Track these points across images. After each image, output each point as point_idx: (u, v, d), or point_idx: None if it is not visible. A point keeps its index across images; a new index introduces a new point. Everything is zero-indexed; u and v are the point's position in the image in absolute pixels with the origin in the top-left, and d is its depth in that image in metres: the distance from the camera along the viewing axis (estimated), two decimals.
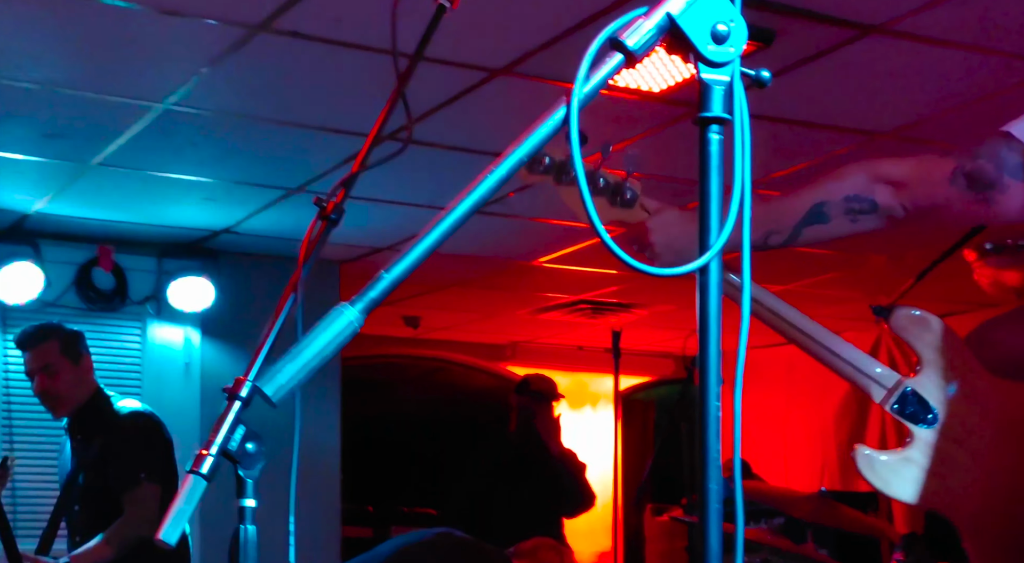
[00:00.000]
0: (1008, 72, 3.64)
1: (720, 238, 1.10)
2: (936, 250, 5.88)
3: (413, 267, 1.15)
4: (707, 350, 1.11)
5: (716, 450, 1.09)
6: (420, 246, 1.15)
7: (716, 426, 1.09)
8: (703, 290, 1.10)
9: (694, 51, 1.09)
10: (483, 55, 3.59)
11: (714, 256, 1.10)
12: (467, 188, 1.11)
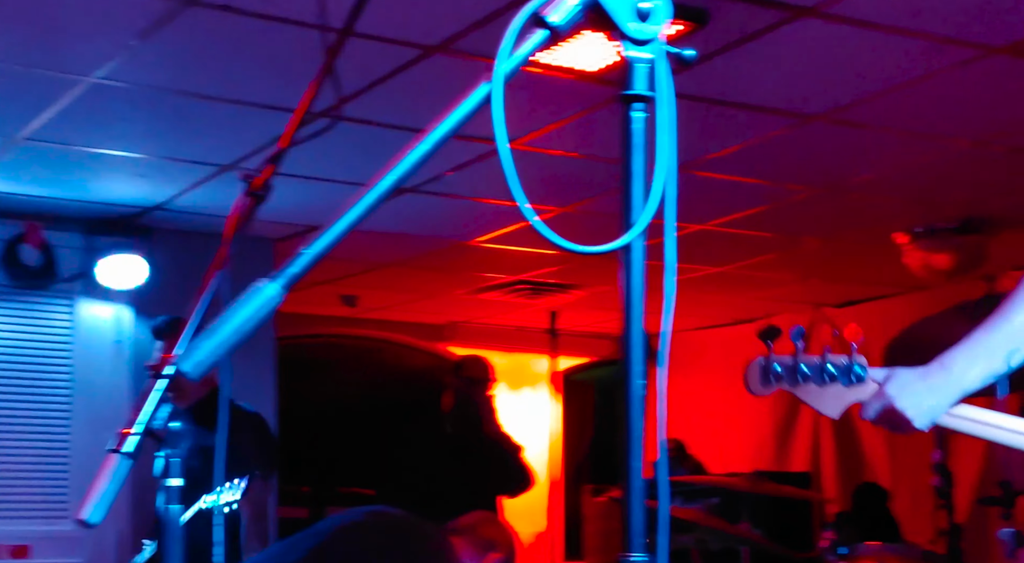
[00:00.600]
0: (938, 55, 3.69)
1: (643, 217, 1.09)
2: (868, 232, 5.97)
3: (333, 243, 1.14)
4: (630, 330, 1.10)
5: (639, 430, 1.09)
6: (341, 223, 1.13)
7: (639, 406, 1.09)
8: (626, 270, 1.10)
9: (616, 29, 1.08)
10: (418, 32, 3.56)
11: (637, 235, 1.10)
12: (389, 165, 1.10)
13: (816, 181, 5.17)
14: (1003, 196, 5.33)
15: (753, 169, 4.97)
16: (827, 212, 5.63)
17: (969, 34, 3.57)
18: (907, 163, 4.86)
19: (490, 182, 4.97)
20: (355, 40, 3.43)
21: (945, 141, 4.59)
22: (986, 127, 4.44)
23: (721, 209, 5.56)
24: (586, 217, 5.53)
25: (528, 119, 4.30)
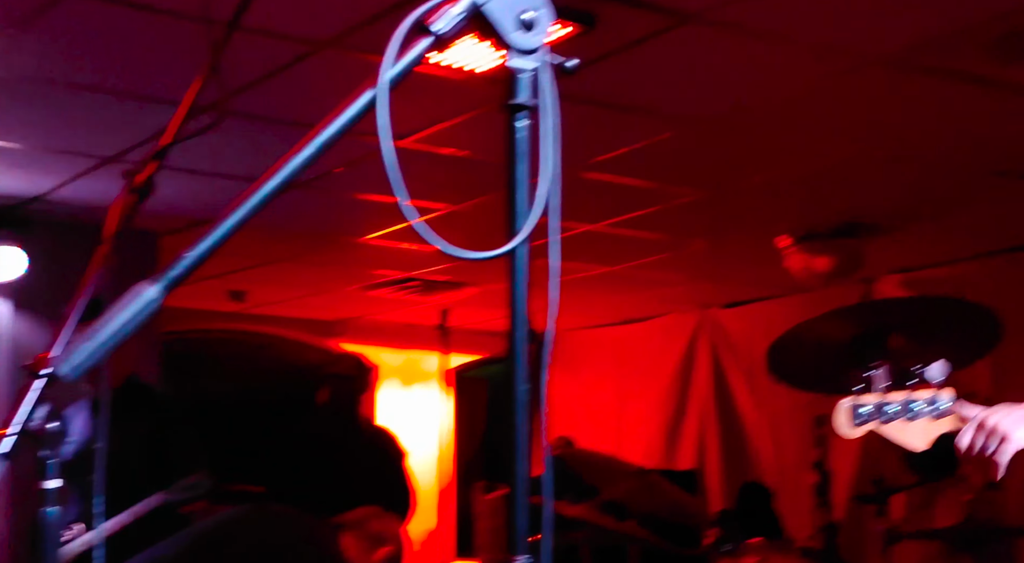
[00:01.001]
0: (818, 64, 3.79)
1: (528, 223, 1.11)
2: (752, 235, 6.11)
3: (216, 246, 1.13)
4: (516, 333, 1.12)
5: (523, 431, 1.11)
6: (224, 226, 1.12)
7: (524, 412, 1.11)
8: (512, 275, 1.11)
9: (500, 38, 1.10)
10: (308, 28, 3.53)
11: (522, 241, 1.11)
12: (275, 166, 1.09)
13: (702, 184, 5.27)
14: (879, 202, 5.50)
15: (640, 171, 5.05)
16: (713, 215, 5.74)
17: (848, 44, 3.68)
18: (788, 169, 4.99)
19: (380, 179, 4.92)
20: (242, 34, 3.39)
21: (824, 148, 4.73)
22: (863, 135, 4.58)
23: (609, 210, 5.63)
24: (477, 215, 5.55)
25: (418, 117, 4.30)
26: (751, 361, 7.51)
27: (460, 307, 7.98)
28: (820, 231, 5.86)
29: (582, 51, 3.67)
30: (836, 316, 3.84)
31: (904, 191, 5.32)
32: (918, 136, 4.55)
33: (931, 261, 6.56)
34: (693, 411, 8.03)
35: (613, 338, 8.61)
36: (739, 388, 7.76)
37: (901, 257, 6.50)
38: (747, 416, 7.71)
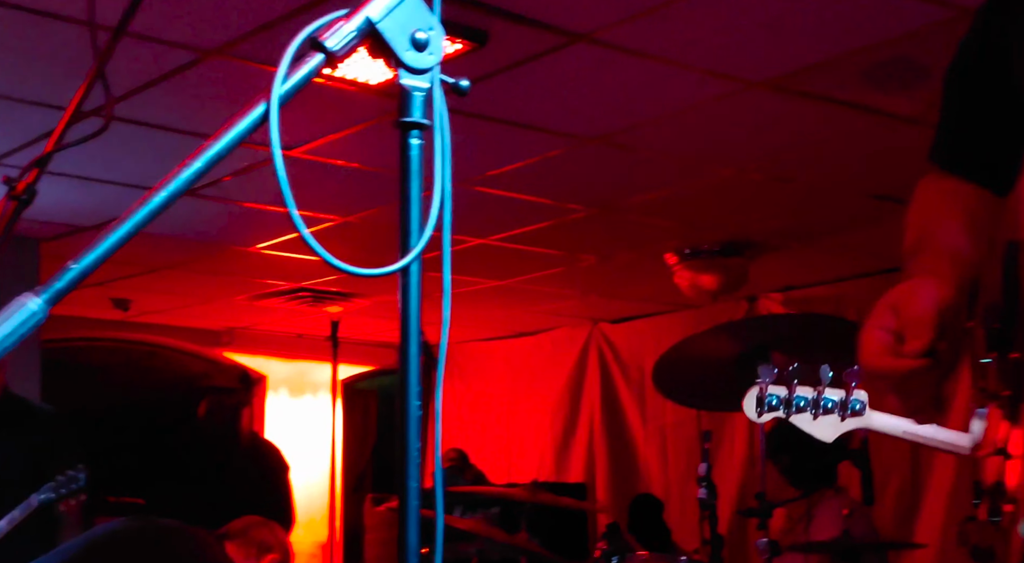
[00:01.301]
0: (701, 87, 3.89)
1: (421, 241, 1.12)
2: (641, 252, 6.21)
3: (103, 258, 1.10)
4: (408, 350, 1.12)
5: (416, 449, 1.11)
6: (112, 237, 1.09)
7: (416, 425, 1.11)
8: (405, 292, 1.12)
9: (394, 57, 1.11)
10: (195, 35, 3.50)
11: (415, 258, 1.12)
12: (162, 182, 1.07)
13: (593, 201, 5.34)
14: (762, 222, 5.64)
15: (533, 187, 5.10)
16: (604, 231, 5.82)
17: (732, 68, 3.78)
18: (676, 187, 5.09)
19: (270, 188, 4.91)
20: (129, 40, 3.34)
21: (710, 168, 4.84)
22: (747, 156, 4.69)
23: (502, 224, 5.67)
24: (368, 227, 5.54)
25: (310, 128, 4.28)
26: (639, 375, 7.62)
27: (350, 318, 7.94)
28: (707, 249, 5.98)
29: (474, 67, 3.71)
30: (720, 332, 3.92)
31: (786, 212, 5.47)
32: (799, 159, 4.69)
33: (812, 280, 6.75)
34: (583, 424, 8.10)
35: (505, 351, 8.65)
36: (628, 402, 7.86)
37: (783, 276, 6.67)
38: (635, 430, 7.81)
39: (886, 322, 1.18)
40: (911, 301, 1.17)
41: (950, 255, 1.26)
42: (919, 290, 1.18)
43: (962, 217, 1.34)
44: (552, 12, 3.38)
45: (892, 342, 1.16)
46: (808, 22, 3.43)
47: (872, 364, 1.17)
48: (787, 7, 3.34)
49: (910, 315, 1.16)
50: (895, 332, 1.16)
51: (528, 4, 3.34)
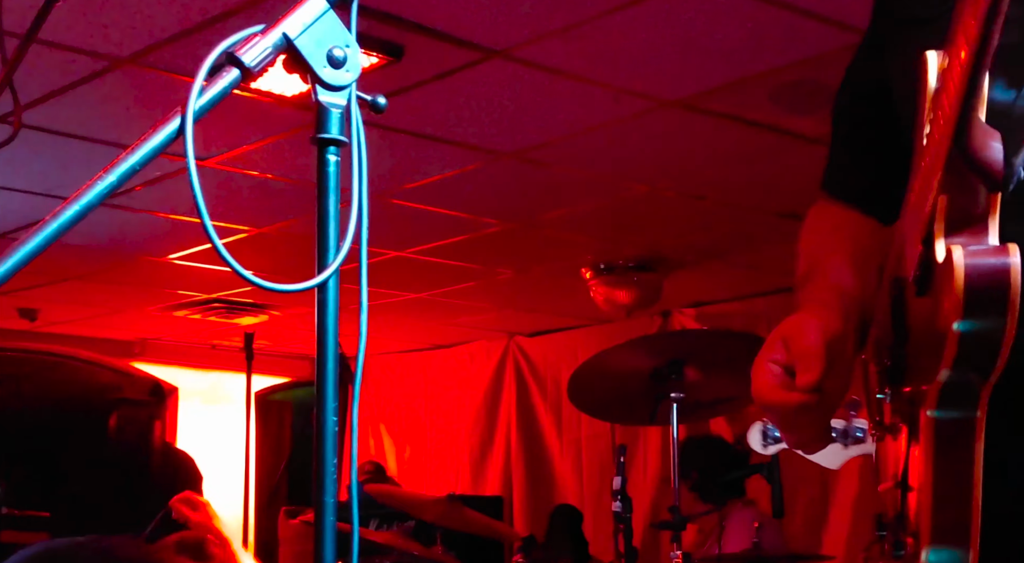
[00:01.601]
0: (616, 105, 3.94)
1: (338, 257, 1.12)
2: (557, 266, 6.25)
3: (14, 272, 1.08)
4: (325, 366, 1.12)
5: (332, 463, 1.11)
6: (23, 251, 1.06)
7: (333, 440, 1.11)
8: (321, 307, 1.12)
9: (310, 73, 1.11)
10: (107, 43, 3.45)
11: (332, 274, 1.12)
12: (76, 195, 1.05)
13: (509, 215, 5.37)
14: (675, 238, 5.72)
15: (449, 201, 5.11)
16: (520, 245, 5.85)
17: (645, 87, 3.83)
18: (591, 203, 5.13)
19: (183, 199, 4.85)
20: (39, 47, 3.29)
21: (624, 184, 4.89)
22: (659, 173, 4.76)
23: (419, 237, 5.67)
24: (282, 238, 5.50)
25: (224, 139, 4.24)
26: (555, 389, 7.66)
27: (264, 329, 7.86)
28: (622, 264, 6.04)
29: (390, 81, 3.71)
30: (635, 346, 3.97)
31: (699, 229, 5.55)
32: (711, 177, 4.77)
33: (724, 296, 6.85)
34: (500, 437, 8.11)
35: (422, 363, 8.63)
36: (544, 415, 7.90)
37: (696, 292, 6.76)
38: (551, 443, 7.85)
39: (777, 355, 1.18)
40: (800, 334, 1.17)
41: (837, 287, 1.27)
42: (808, 323, 1.18)
43: (849, 248, 1.34)
44: (468, 28, 3.40)
45: (783, 375, 1.16)
46: (719, 44, 3.50)
47: (764, 398, 1.17)
48: (699, 29, 3.40)
49: (800, 348, 1.16)
50: (786, 365, 1.17)
51: (444, 20, 3.36)
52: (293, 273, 5.96)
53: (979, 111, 0.98)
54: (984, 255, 0.95)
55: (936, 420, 0.98)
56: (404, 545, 5.10)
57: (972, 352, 0.95)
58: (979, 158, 0.98)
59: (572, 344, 7.47)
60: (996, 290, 0.93)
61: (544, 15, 3.32)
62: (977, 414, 0.98)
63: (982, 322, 0.94)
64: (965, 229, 0.99)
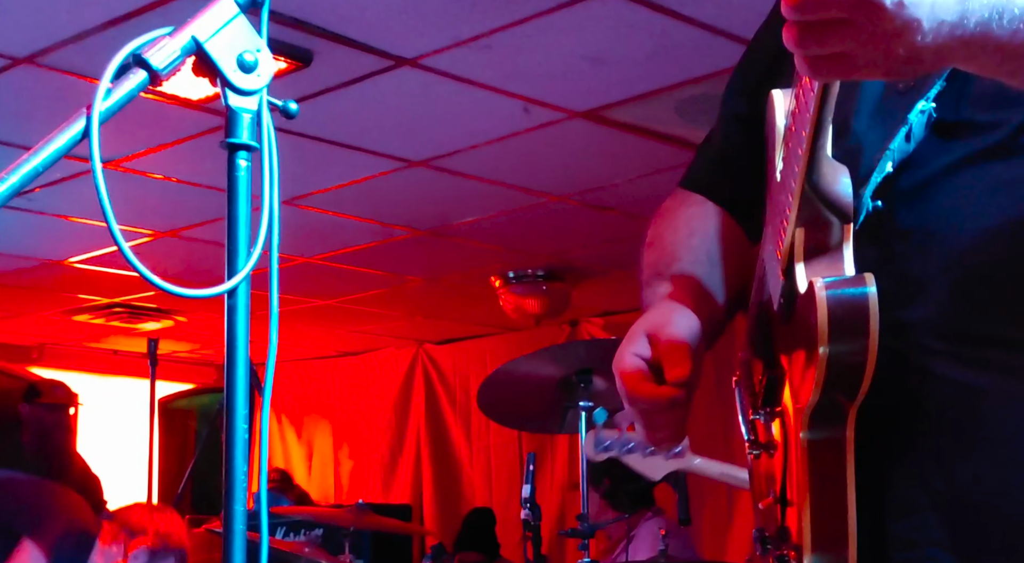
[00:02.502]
0: (525, 117, 3.96)
1: (249, 263, 1.11)
2: (466, 274, 6.26)
3: None
4: (234, 373, 1.11)
5: (243, 471, 1.10)
6: None
7: (243, 448, 1.10)
8: (231, 314, 1.10)
9: (220, 77, 1.09)
10: (5, 43, 3.37)
11: (242, 280, 1.11)
12: None
13: (419, 223, 5.36)
14: (583, 249, 5.77)
15: (359, 207, 5.08)
16: (430, 253, 5.84)
17: (554, 98, 3.87)
18: (500, 212, 5.15)
19: (83, 201, 4.75)
20: None
21: (532, 194, 4.92)
22: (566, 183, 4.80)
23: (327, 244, 5.63)
24: (185, 243, 5.41)
25: (129, 141, 4.17)
26: (464, 397, 7.66)
27: (169, 335, 7.73)
28: (530, 273, 6.07)
29: (299, 86, 3.68)
30: (545, 355, 3.98)
31: (605, 239, 5.61)
32: (617, 188, 4.82)
33: (631, 306, 6.90)
34: (409, 445, 8.08)
35: (330, 371, 8.57)
36: (453, 423, 7.89)
37: (604, 301, 6.82)
38: (460, 450, 7.84)
39: (642, 350, 1.18)
40: (666, 329, 1.17)
41: (695, 289, 1.27)
42: (672, 319, 1.19)
43: (709, 248, 1.33)
44: (378, 36, 3.40)
45: (649, 371, 1.16)
46: (627, 57, 3.54)
47: (633, 393, 1.16)
48: (607, 42, 3.44)
49: (668, 344, 1.16)
50: (651, 361, 1.17)
51: (354, 27, 3.35)
52: (197, 277, 5.87)
53: (826, 149, 1.02)
54: (843, 285, 1.00)
55: (809, 440, 1.02)
56: (312, 553, 5.05)
57: (838, 376, 0.99)
58: (830, 193, 1.03)
59: (481, 352, 7.48)
60: (856, 318, 0.98)
61: (454, 24, 3.33)
62: (847, 434, 1.02)
63: (846, 348, 0.98)
64: (823, 259, 1.04)
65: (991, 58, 0.90)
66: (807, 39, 0.87)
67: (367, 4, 3.21)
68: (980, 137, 1.07)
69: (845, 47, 0.86)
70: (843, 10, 0.84)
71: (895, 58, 0.87)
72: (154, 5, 3.11)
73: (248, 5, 1.09)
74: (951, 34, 0.87)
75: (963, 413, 1.05)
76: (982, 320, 1.05)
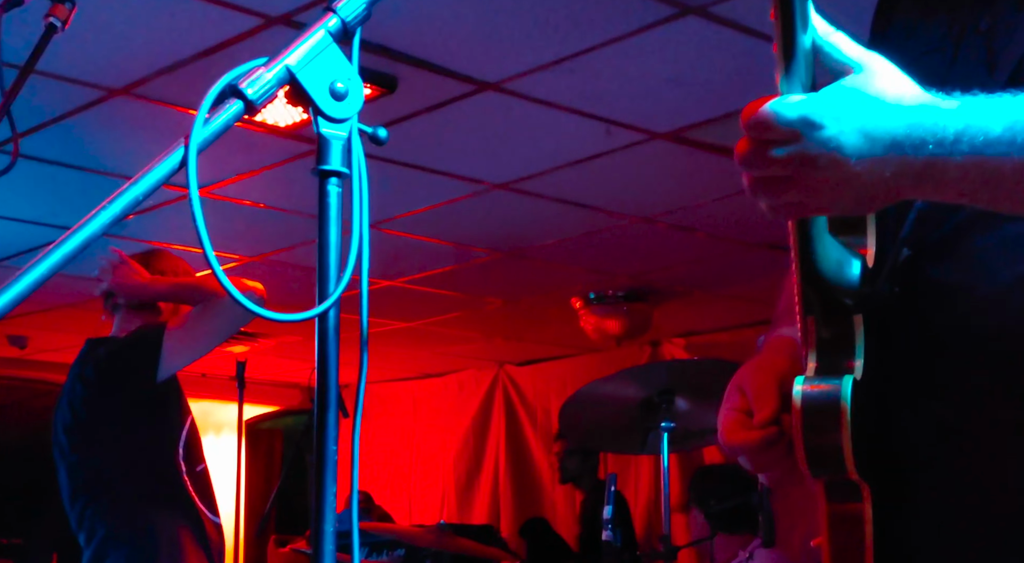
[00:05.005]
0: (609, 137, 3.97)
1: (339, 287, 1.13)
2: (546, 296, 6.27)
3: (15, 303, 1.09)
4: (327, 394, 1.13)
5: (332, 494, 1.12)
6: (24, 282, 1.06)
7: (333, 469, 1.12)
8: (322, 336, 1.12)
9: (313, 106, 1.12)
10: (102, 74, 3.48)
11: (333, 304, 1.13)
12: (74, 228, 1.06)
13: (499, 245, 5.39)
14: (664, 269, 5.74)
15: (440, 231, 5.13)
16: (510, 275, 5.86)
17: (637, 120, 3.87)
18: (581, 234, 5.16)
19: (173, 227, 4.86)
20: (36, 77, 3.31)
21: (614, 215, 4.92)
22: (650, 205, 4.79)
23: (410, 267, 5.68)
24: (272, 267, 5.51)
25: (219, 168, 4.26)
26: (545, 418, 7.65)
27: (256, 357, 7.85)
28: (611, 294, 6.06)
29: (384, 112, 3.74)
30: (624, 376, 3.97)
31: (688, 260, 5.58)
32: (700, 209, 4.80)
33: (713, 327, 6.87)
34: (488, 465, 8.09)
35: (411, 392, 8.62)
36: (534, 444, 7.88)
37: (686, 321, 6.78)
38: (543, 472, 7.83)
39: (736, 402, 1.23)
40: (754, 378, 1.22)
41: (790, 335, 1.31)
42: (761, 366, 1.24)
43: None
44: (461, 61, 3.44)
45: (744, 419, 1.21)
46: (709, 77, 3.54)
47: (729, 441, 1.22)
48: (689, 63, 3.44)
49: (754, 390, 1.21)
50: (745, 410, 1.21)
51: (438, 52, 3.39)
52: (282, 302, 5.95)
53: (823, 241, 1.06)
54: (818, 387, 1.08)
55: (829, 507, 1.12)
56: None
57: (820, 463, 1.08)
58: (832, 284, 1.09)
59: (562, 373, 7.47)
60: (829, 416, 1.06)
61: (536, 48, 3.36)
62: (863, 506, 1.10)
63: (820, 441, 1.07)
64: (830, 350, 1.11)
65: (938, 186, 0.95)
66: (759, 190, 0.97)
67: (451, 30, 3.25)
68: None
69: (793, 198, 0.96)
70: (783, 169, 0.94)
71: (845, 204, 0.96)
72: (244, 36, 3.19)
73: (339, 35, 1.10)
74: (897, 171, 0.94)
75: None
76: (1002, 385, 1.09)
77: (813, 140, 0.92)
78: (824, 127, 0.92)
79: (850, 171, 0.93)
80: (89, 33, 3.17)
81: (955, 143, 0.92)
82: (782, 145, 0.93)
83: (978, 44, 1.13)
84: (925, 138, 0.93)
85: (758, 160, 0.95)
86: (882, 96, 0.94)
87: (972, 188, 0.95)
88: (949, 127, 0.93)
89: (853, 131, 0.92)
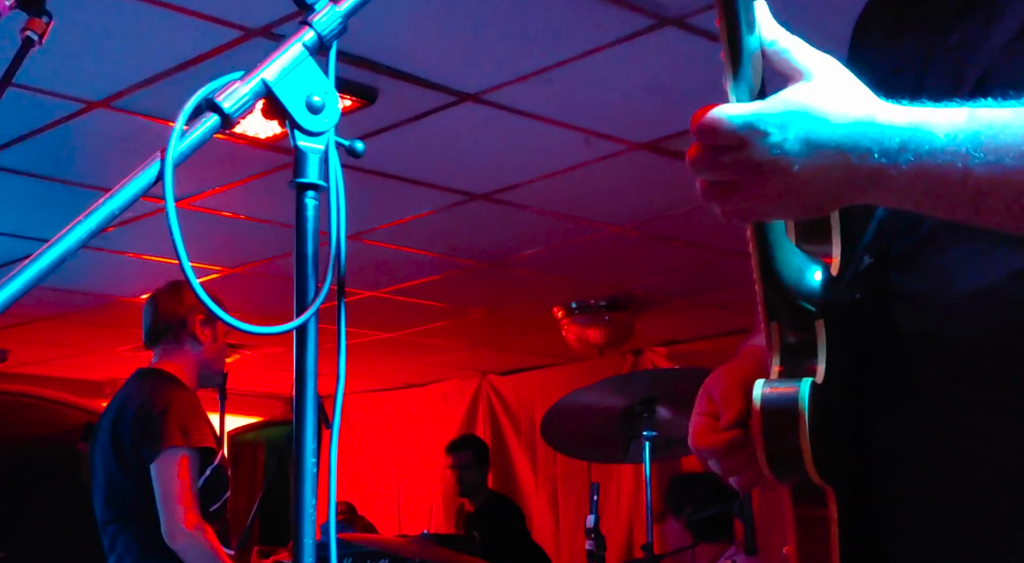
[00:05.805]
0: (588, 147, 3.98)
1: (317, 298, 1.13)
2: (529, 306, 6.28)
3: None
4: (304, 406, 1.13)
5: (312, 505, 1.12)
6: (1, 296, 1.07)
7: (312, 481, 1.12)
8: (300, 348, 1.13)
9: (290, 119, 1.12)
10: (80, 87, 3.47)
11: (311, 316, 1.13)
12: (52, 241, 1.07)
13: (481, 255, 5.40)
14: (644, 278, 5.76)
15: (422, 241, 5.13)
16: (492, 285, 5.87)
17: (615, 130, 3.89)
18: (562, 244, 5.17)
19: (154, 239, 4.86)
20: (13, 90, 3.31)
21: (595, 225, 4.93)
22: (629, 215, 4.81)
23: (392, 277, 5.68)
24: (253, 278, 5.50)
25: (197, 180, 4.26)
26: (529, 427, 7.65)
27: (237, 369, 7.83)
28: (593, 304, 6.08)
29: (364, 123, 3.74)
30: (607, 385, 3.98)
31: (668, 269, 5.59)
32: (679, 218, 4.81)
33: (694, 335, 6.89)
34: None
35: (394, 402, 8.61)
36: (518, 453, 7.89)
37: (667, 331, 6.80)
38: (526, 481, 7.83)
39: (704, 407, 1.24)
40: (721, 382, 1.24)
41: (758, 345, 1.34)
42: (728, 371, 1.25)
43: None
44: (441, 72, 3.45)
45: (712, 422, 1.22)
46: (688, 88, 3.55)
47: (697, 444, 1.23)
48: (667, 73, 3.46)
49: (720, 393, 1.22)
50: (713, 414, 1.23)
51: (418, 64, 3.40)
52: (264, 313, 5.96)
53: (783, 246, 1.08)
54: (777, 390, 1.08)
55: (795, 511, 1.13)
56: None
57: (780, 463, 1.08)
58: (792, 291, 1.10)
59: (545, 382, 7.48)
60: (788, 418, 1.06)
61: (515, 60, 3.37)
62: (828, 509, 1.10)
63: (780, 444, 1.07)
64: (793, 354, 1.12)
65: (886, 193, 0.96)
66: (711, 195, 0.98)
67: (430, 42, 3.26)
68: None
69: (742, 203, 0.97)
70: (731, 174, 0.96)
71: (793, 209, 0.98)
72: (223, 48, 3.19)
73: (316, 48, 1.11)
74: (842, 177, 0.95)
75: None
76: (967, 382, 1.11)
77: (758, 147, 0.94)
78: (768, 134, 0.93)
79: (795, 178, 0.95)
80: (67, 46, 3.17)
81: (899, 152, 0.93)
82: (728, 151, 0.95)
83: (947, 60, 1.14)
84: (870, 147, 0.94)
85: (706, 165, 0.97)
86: (828, 104, 0.95)
87: (917, 197, 0.96)
88: (895, 136, 0.94)
89: (797, 139, 0.93)
